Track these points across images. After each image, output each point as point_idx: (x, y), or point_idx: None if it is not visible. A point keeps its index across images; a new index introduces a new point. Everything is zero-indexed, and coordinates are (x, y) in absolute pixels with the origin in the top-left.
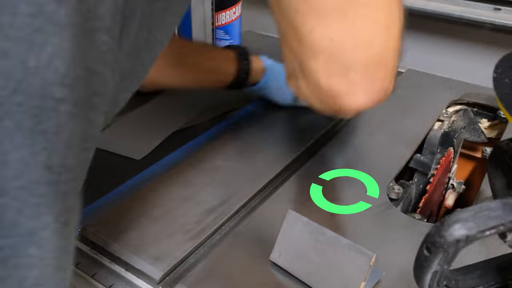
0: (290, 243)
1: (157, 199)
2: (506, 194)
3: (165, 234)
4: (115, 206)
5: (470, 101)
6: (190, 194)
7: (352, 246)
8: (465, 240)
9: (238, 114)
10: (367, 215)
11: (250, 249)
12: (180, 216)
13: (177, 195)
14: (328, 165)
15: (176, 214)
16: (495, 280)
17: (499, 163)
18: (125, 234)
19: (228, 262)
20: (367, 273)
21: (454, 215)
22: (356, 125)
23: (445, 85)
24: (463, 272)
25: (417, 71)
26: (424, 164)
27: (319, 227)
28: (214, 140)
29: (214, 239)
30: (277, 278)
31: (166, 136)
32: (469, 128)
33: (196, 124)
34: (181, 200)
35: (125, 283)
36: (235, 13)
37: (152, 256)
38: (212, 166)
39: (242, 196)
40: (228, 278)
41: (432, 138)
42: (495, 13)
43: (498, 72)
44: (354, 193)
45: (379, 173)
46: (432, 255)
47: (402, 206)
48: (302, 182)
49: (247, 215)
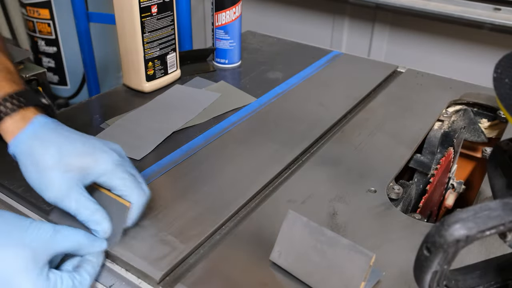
0: (290, 243)
1: (157, 199)
2: (506, 194)
3: (165, 234)
4: None
5: (470, 101)
6: (190, 194)
7: (352, 246)
8: (465, 240)
9: (238, 114)
10: (367, 215)
11: (250, 249)
12: (180, 216)
13: (177, 195)
14: (328, 165)
15: (176, 214)
16: (495, 280)
17: (499, 163)
18: (125, 234)
19: (228, 262)
20: (367, 273)
21: (454, 215)
22: (356, 125)
23: (445, 85)
24: (463, 272)
25: (417, 71)
26: (424, 164)
27: (319, 227)
28: (214, 140)
29: (214, 239)
30: (277, 278)
31: (166, 136)
32: (469, 128)
33: (196, 124)
34: (181, 200)
35: (125, 283)
36: (235, 13)
37: (152, 256)
38: (212, 166)
39: (242, 196)
40: (228, 278)
41: (432, 138)
42: (495, 13)
43: (498, 72)
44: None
45: (379, 173)
46: (432, 255)
47: (402, 206)
48: (302, 182)
49: (247, 215)
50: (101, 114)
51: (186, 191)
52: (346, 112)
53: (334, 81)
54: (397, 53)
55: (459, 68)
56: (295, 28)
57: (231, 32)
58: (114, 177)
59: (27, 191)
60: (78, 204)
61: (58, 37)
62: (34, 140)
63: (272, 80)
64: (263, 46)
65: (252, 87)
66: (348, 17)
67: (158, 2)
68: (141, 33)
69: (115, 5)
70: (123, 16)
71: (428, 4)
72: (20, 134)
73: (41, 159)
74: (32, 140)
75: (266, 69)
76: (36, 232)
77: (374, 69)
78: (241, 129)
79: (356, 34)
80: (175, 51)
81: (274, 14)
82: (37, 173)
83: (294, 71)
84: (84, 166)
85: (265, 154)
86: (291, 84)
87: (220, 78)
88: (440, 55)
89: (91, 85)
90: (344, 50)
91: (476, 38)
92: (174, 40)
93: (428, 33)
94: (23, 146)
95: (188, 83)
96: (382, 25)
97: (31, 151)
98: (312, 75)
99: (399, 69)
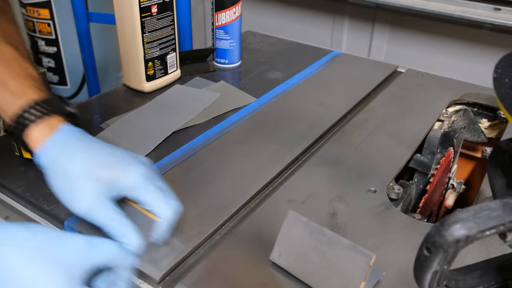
0: (290, 243)
1: None
2: (506, 194)
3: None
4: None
5: (470, 101)
6: (190, 194)
7: (351, 246)
8: (465, 240)
9: (238, 114)
10: (367, 215)
11: (250, 249)
12: (180, 216)
13: (177, 195)
14: (328, 165)
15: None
16: (495, 280)
17: (499, 163)
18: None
19: (228, 262)
20: (367, 273)
21: (454, 215)
22: (356, 125)
23: (445, 85)
24: (463, 272)
25: (417, 71)
26: (424, 164)
27: (319, 227)
28: (214, 140)
29: (214, 239)
30: (277, 278)
31: (166, 136)
32: (469, 128)
33: (196, 124)
34: (181, 200)
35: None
36: (235, 13)
37: (152, 256)
38: (212, 166)
39: (242, 196)
40: (228, 278)
41: (432, 138)
42: (495, 13)
43: (498, 72)
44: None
45: (379, 173)
46: (432, 255)
47: (402, 206)
48: (302, 182)
49: (247, 215)
50: (101, 114)
51: (186, 191)
52: (346, 112)
53: (334, 81)
54: (397, 53)
55: (459, 68)
56: (295, 28)
57: (231, 32)
58: (143, 191)
59: (27, 191)
60: (107, 216)
61: (58, 37)
62: (62, 149)
63: (272, 80)
64: (263, 46)
65: (252, 87)
66: (348, 17)
67: (158, 2)
68: (141, 33)
69: (115, 5)
70: (123, 16)
71: (428, 4)
72: (47, 143)
73: (70, 169)
74: (60, 149)
75: (266, 69)
76: (70, 247)
77: (374, 69)
78: (241, 129)
79: (356, 34)
80: (175, 51)
81: (274, 14)
82: (65, 183)
83: (294, 71)
84: (113, 178)
85: (265, 154)
86: (291, 84)
87: (220, 78)
88: (440, 55)
89: (91, 85)
90: (344, 50)
91: (476, 38)
92: (174, 40)
93: (428, 33)
94: (51, 155)
95: (188, 83)
96: (382, 25)
97: (59, 160)
98: (312, 75)
99: (399, 69)
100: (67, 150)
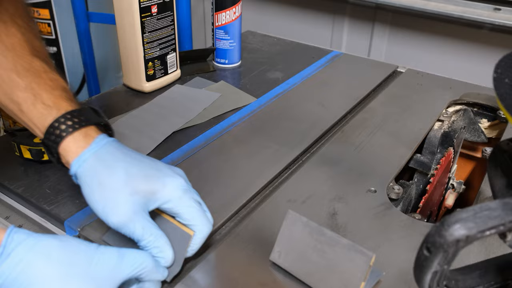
0: (290, 243)
1: None
2: (506, 194)
3: None
4: None
5: (470, 101)
6: None
7: (351, 246)
8: (465, 240)
9: (238, 114)
10: (367, 215)
11: (250, 249)
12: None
13: None
14: (328, 165)
15: None
16: (495, 280)
17: (499, 163)
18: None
19: (228, 262)
20: (367, 273)
21: (454, 215)
22: (356, 125)
23: (445, 85)
24: (463, 272)
25: (417, 71)
26: (424, 164)
27: (319, 227)
28: (214, 140)
29: (214, 239)
30: (277, 278)
31: (166, 136)
32: (469, 128)
33: (196, 124)
34: None
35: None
36: (235, 13)
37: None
38: (212, 166)
39: (242, 196)
40: (228, 278)
41: (432, 138)
42: (495, 13)
43: (498, 72)
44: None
45: (379, 173)
46: (432, 255)
47: (402, 206)
48: (302, 182)
49: (247, 215)
50: None
51: None
52: (346, 112)
53: (334, 81)
54: (397, 53)
55: (459, 68)
56: (295, 28)
57: (231, 32)
58: (180, 204)
59: (27, 191)
60: (144, 229)
61: (58, 37)
62: (98, 161)
63: (272, 80)
64: (263, 46)
65: (252, 87)
66: (348, 17)
67: (158, 2)
68: (141, 33)
69: (115, 5)
70: (123, 16)
71: (428, 4)
72: (83, 154)
73: (107, 181)
74: (97, 161)
75: (266, 69)
76: (101, 261)
77: (374, 69)
78: (241, 129)
79: (356, 34)
80: (175, 51)
81: (274, 14)
82: (102, 195)
83: (294, 71)
84: (152, 190)
85: (265, 154)
86: (291, 84)
87: (220, 78)
88: (440, 55)
89: (91, 85)
90: (344, 50)
91: (476, 38)
92: (174, 40)
93: (428, 33)
94: (87, 166)
95: (188, 83)
96: (382, 25)
97: (96, 172)
98: (312, 75)
99: (399, 69)
100: (104, 161)
